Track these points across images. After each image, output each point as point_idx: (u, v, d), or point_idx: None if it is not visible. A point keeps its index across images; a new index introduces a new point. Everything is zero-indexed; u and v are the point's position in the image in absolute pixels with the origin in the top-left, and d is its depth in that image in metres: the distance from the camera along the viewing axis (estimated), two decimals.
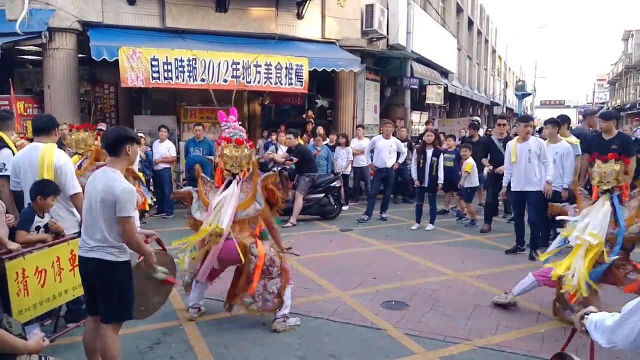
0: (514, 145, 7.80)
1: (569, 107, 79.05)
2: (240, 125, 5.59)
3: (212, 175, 6.60)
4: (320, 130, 12.45)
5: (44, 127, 4.88)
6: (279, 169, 10.38)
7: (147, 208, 9.04)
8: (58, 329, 4.73)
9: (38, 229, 4.47)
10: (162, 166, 10.83)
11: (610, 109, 55.86)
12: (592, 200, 5.27)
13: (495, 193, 9.41)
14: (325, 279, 6.58)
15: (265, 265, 4.91)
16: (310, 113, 15.05)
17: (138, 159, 10.00)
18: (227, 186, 5.10)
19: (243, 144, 5.20)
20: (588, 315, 2.28)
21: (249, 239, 5.02)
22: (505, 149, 8.89)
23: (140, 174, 8.67)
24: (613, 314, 2.14)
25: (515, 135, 8.83)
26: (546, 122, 8.27)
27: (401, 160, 10.83)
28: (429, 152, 9.45)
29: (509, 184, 7.93)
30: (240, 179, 5.12)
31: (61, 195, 4.77)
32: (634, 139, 12.47)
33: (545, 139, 8.07)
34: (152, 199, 8.94)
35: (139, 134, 10.56)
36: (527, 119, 8.14)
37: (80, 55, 11.89)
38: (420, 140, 10.50)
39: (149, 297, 4.15)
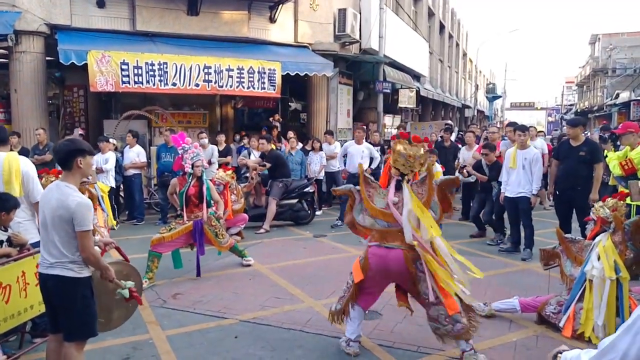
0: (514, 151, 8.05)
1: (537, 108, 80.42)
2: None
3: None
4: (291, 134, 12.40)
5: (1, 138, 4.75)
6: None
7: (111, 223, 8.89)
8: (23, 345, 4.60)
9: (1, 243, 4.33)
10: (132, 172, 10.65)
11: (578, 110, 57.06)
12: (583, 242, 5.33)
13: (480, 205, 9.47)
14: (297, 287, 6.54)
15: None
16: (277, 117, 14.83)
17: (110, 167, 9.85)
18: (396, 188, 4.47)
19: (420, 141, 4.55)
20: (561, 353, 2.28)
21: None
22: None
23: (104, 186, 8.48)
24: (587, 350, 2.13)
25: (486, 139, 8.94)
26: (516, 129, 8.36)
27: (374, 166, 10.83)
28: None
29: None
30: (409, 180, 4.48)
31: (25, 204, 4.65)
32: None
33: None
34: (115, 222, 8.78)
35: (110, 139, 10.46)
36: (523, 129, 8.39)
37: (48, 58, 11.65)
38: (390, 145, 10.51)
39: (111, 309, 4.03)
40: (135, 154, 10.71)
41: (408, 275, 4.37)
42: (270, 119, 14.93)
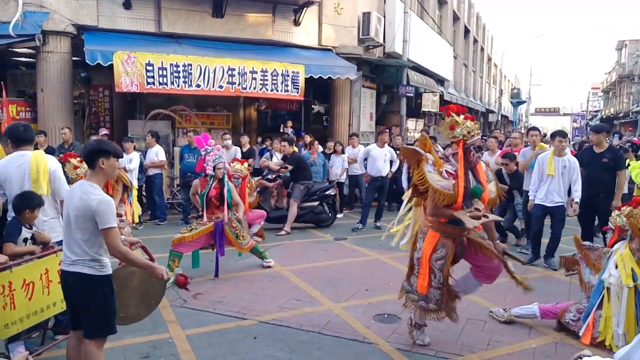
0: (550, 158, 7.60)
1: (562, 114, 79.43)
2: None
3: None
4: (308, 138, 12.38)
5: (27, 138, 4.79)
6: (274, 176, 10.35)
7: (136, 220, 9.06)
8: (46, 341, 4.66)
9: (25, 240, 4.39)
10: (153, 172, 10.72)
11: (604, 117, 56.24)
12: (602, 249, 5.29)
13: (501, 213, 9.26)
14: (317, 290, 6.53)
15: (431, 266, 4.52)
16: (290, 123, 14.62)
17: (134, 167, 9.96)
18: None
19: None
20: (582, 358, 2.26)
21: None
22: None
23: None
24: (606, 358, 2.11)
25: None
26: (556, 134, 8.02)
27: (394, 169, 10.83)
28: None
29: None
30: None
31: (51, 202, 4.71)
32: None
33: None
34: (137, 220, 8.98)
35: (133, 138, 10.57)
36: (563, 134, 7.87)
37: (74, 58, 11.82)
38: None
39: (130, 305, 4.06)
40: (154, 153, 10.78)
41: None
42: (282, 125, 14.80)
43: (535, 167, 7.86)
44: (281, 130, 14.57)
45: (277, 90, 12.46)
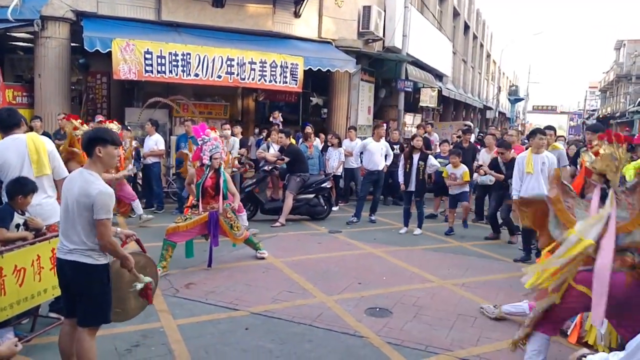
0: (529, 156, 7.70)
1: (560, 112, 79.51)
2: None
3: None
4: (308, 129, 12.38)
5: (13, 123, 4.74)
6: (270, 167, 10.35)
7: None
8: (36, 328, 4.66)
9: (18, 226, 4.37)
10: (151, 160, 10.70)
11: (600, 116, 56.32)
12: None
13: (498, 203, 9.32)
14: (310, 282, 6.54)
15: None
16: (277, 114, 14.20)
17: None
18: (602, 198, 3.66)
19: (621, 140, 3.74)
20: (585, 357, 2.25)
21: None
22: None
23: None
24: (615, 353, 2.11)
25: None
26: (534, 132, 8.10)
27: (388, 162, 10.83)
28: (415, 157, 9.42)
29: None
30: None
31: (51, 182, 4.77)
32: None
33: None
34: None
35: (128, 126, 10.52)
36: (543, 132, 7.99)
37: (73, 45, 11.76)
38: (409, 143, 10.40)
39: (127, 299, 4.04)
40: (154, 142, 10.75)
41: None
42: (271, 117, 14.64)
43: (515, 167, 7.97)
44: (271, 120, 14.43)
45: (276, 82, 12.45)
